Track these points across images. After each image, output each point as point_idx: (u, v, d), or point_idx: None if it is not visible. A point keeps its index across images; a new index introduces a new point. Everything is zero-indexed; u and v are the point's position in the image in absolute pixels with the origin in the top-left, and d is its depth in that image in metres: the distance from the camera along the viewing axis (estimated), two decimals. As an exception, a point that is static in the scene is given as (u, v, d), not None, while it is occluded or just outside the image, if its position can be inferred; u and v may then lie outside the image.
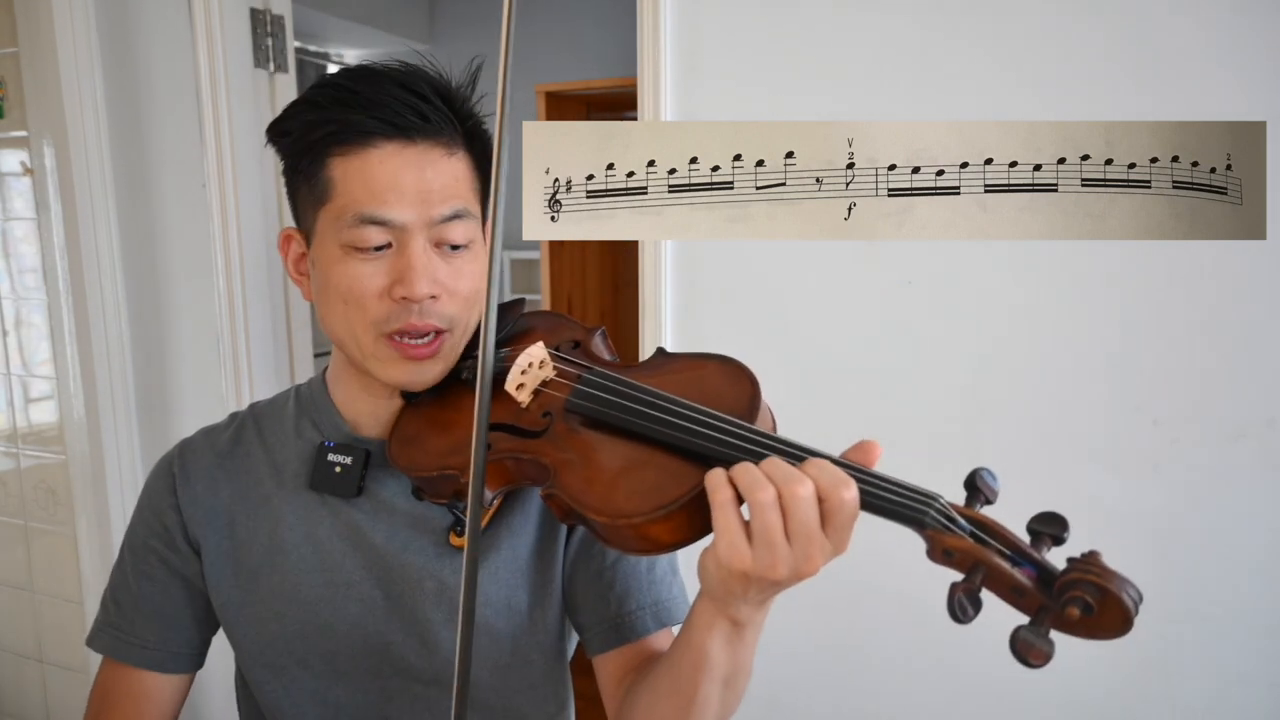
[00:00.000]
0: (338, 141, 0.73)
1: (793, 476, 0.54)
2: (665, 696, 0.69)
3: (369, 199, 0.72)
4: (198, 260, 1.75)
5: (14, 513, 1.99)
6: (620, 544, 0.62)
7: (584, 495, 0.62)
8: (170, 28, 1.70)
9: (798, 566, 0.54)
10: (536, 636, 0.82)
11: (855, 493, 0.53)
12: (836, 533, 0.54)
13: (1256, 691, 1.22)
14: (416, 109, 0.72)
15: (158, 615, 0.85)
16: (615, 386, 0.68)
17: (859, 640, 1.41)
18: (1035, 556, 0.52)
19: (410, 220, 0.72)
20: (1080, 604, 0.48)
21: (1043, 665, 0.48)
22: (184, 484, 0.85)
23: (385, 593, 0.80)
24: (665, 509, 0.58)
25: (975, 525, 0.53)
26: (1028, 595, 0.51)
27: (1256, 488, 1.19)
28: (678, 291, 1.44)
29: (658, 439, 0.63)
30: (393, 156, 0.72)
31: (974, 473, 0.56)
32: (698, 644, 0.63)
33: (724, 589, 0.58)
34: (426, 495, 0.76)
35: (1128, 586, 0.48)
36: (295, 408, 0.87)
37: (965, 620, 0.50)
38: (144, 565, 0.85)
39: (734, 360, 0.70)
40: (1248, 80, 1.13)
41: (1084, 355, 1.24)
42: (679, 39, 1.38)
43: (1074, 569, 0.50)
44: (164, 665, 0.85)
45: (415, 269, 0.72)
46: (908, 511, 0.53)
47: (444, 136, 0.74)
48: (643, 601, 0.81)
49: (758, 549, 0.54)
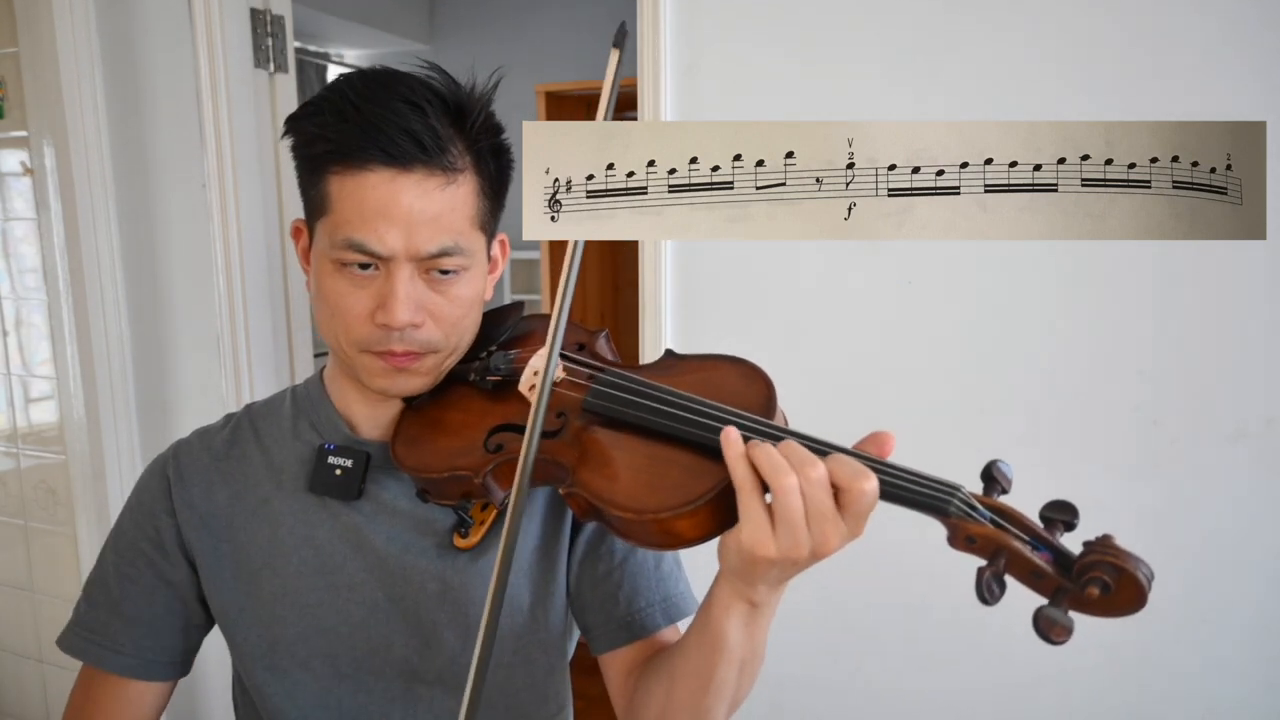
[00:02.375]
0: (335, 160, 0.71)
1: (807, 459, 0.56)
2: (682, 680, 0.70)
3: (359, 224, 0.71)
4: (198, 260, 1.75)
5: (14, 513, 1.99)
6: (642, 539, 0.63)
7: (606, 492, 0.63)
8: (170, 28, 1.70)
9: (815, 547, 0.57)
10: (539, 635, 0.82)
11: (875, 484, 0.56)
12: (854, 520, 0.57)
13: (1255, 691, 1.22)
14: (415, 137, 0.70)
15: (137, 620, 0.83)
16: (633, 386, 0.69)
17: (863, 642, 1.41)
18: (1052, 541, 0.55)
19: (395, 252, 0.71)
20: (1099, 584, 0.51)
21: (1065, 641, 0.51)
22: (179, 487, 0.84)
23: (388, 595, 0.80)
24: (692, 504, 0.60)
25: (995, 513, 0.56)
26: (1045, 578, 0.53)
27: (1256, 488, 1.19)
28: (678, 291, 1.44)
29: (678, 436, 0.64)
30: (386, 184, 0.70)
31: (990, 464, 0.59)
32: (716, 626, 0.65)
33: (748, 570, 0.60)
34: (432, 497, 0.76)
35: (1141, 565, 0.51)
36: (292, 408, 0.87)
37: (992, 601, 0.52)
38: (129, 568, 0.84)
39: (747, 361, 0.72)
40: (1248, 80, 1.13)
41: (1084, 355, 1.24)
42: (679, 39, 1.38)
43: (1092, 551, 0.52)
44: (136, 672, 0.83)
45: (397, 298, 0.71)
46: (932, 501, 0.56)
47: (443, 164, 0.71)
48: (652, 599, 0.81)
49: (780, 533, 0.56)
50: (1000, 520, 0.55)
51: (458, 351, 0.79)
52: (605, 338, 0.82)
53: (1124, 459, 1.23)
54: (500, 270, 0.85)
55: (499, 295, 3.87)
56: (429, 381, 0.78)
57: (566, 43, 3.60)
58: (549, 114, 3.19)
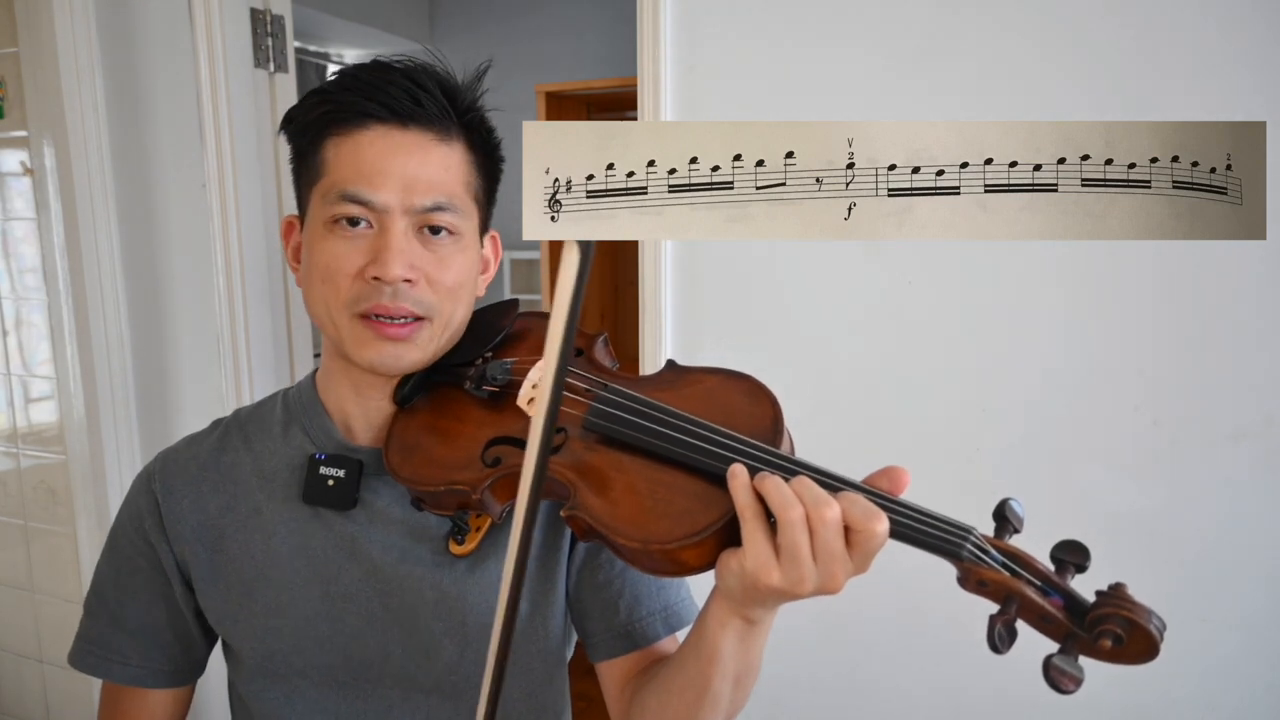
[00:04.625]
0: (334, 121, 0.74)
1: (821, 499, 0.55)
2: (677, 693, 0.69)
3: (355, 177, 0.73)
4: (198, 260, 1.75)
5: (14, 513, 1.99)
6: (648, 566, 0.62)
7: (610, 519, 0.62)
8: (170, 28, 1.70)
9: (822, 584, 0.56)
10: (537, 643, 0.82)
11: (885, 525, 0.55)
12: (861, 558, 0.56)
13: (1256, 692, 1.22)
14: (412, 95, 0.73)
15: (140, 632, 0.84)
16: (635, 406, 0.67)
17: (862, 652, 1.41)
18: (1064, 586, 0.54)
19: (391, 203, 0.73)
20: (1112, 636, 0.51)
21: (1075, 691, 0.51)
22: (168, 502, 0.83)
23: (384, 604, 0.79)
24: (699, 535, 0.58)
25: (1007, 556, 0.55)
26: (1056, 623, 0.53)
27: (1256, 488, 1.19)
28: (678, 291, 1.44)
29: (682, 462, 0.63)
30: (383, 139, 0.73)
31: (1002, 503, 0.58)
32: (711, 641, 0.64)
33: (748, 595, 0.59)
34: (428, 507, 0.75)
35: (1154, 618, 0.51)
36: (283, 413, 0.85)
37: (1003, 650, 0.52)
38: (127, 579, 0.84)
39: (751, 378, 0.70)
40: (1248, 80, 1.13)
41: (1084, 355, 1.24)
42: (679, 39, 1.38)
43: (1105, 604, 0.52)
44: (145, 682, 0.84)
45: (390, 250, 0.72)
46: (945, 545, 0.55)
47: (439, 125, 0.75)
48: (653, 608, 0.80)
49: (785, 565, 0.55)
50: (1012, 565, 0.54)
51: (449, 328, 0.78)
52: (603, 341, 0.80)
53: (1124, 459, 1.23)
54: (493, 271, 0.85)
55: (498, 295, 3.86)
56: (419, 358, 0.77)
57: (566, 43, 3.60)
58: (549, 114, 3.19)
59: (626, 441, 0.66)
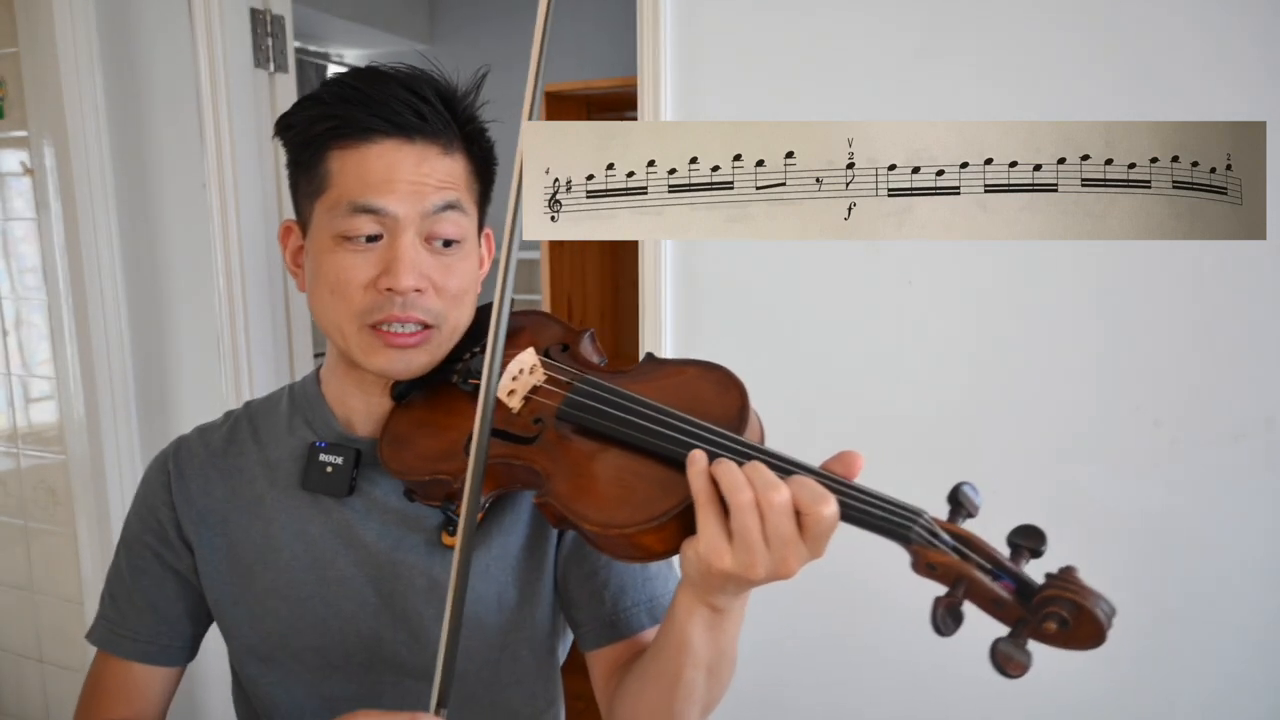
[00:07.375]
0: (338, 135, 0.75)
1: (770, 483, 0.55)
2: (651, 683, 0.70)
3: (363, 189, 0.73)
4: (198, 260, 1.75)
5: (14, 513, 1.99)
6: (613, 551, 0.63)
7: (577, 504, 0.64)
8: (170, 28, 1.70)
9: (775, 568, 0.56)
10: (525, 632, 0.83)
11: (834, 508, 0.55)
12: (814, 542, 0.56)
13: (1255, 692, 1.22)
14: (416, 109, 0.74)
15: (150, 609, 0.86)
16: (606, 396, 0.69)
17: (852, 637, 1.41)
18: (1014, 570, 0.54)
19: (402, 212, 0.74)
20: (1057, 619, 0.50)
21: (1020, 676, 0.50)
22: (178, 482, 0.86)
23: (377, 590, 0.81)
24: (657, 520, 0.60)
25: (957, 540, 0.55)
26: (1007, 607, 0.53)
27: (1256, 488, 1.19)
28: (678, 291, 1.44)
29: (647, 449, 0.64)
30: (390, 152, 0.74)
31: (956, 487, 0.58)
32: (680, 630, 0.65)
33: (704, 581, 0.60)
34: (418, 497, 0.77)
35: (1101, 602, 0.50)
36: (289, 406, 0.88)
37: (947, 633, 0.52)
38: (138, 560, 0.87)
39: (722, 368, 0.71)
40: (1248, 80, 1.13)
41: (1084, 355, 1.24)
42: (679, 39, 1.38)
43: (1051, 585, 0.52)
44: (153, 657, 0.86)
45: (402, 260, 0.73)
46: (892, 527, 0.55)
47: (442, 137, 0.76)
48: (637, 599, 0.82)
49: (737, 549, 0.56)
50: (963, 548, 0.54)
51: (455, 332, 0.80)
52: (590, 337, 0.82)
53: (1124, 459, 1.23)
54: (488, 267, 0.87)
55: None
56: (428, 361, 0.79)
57: (567, 43, 3.60)
58: (549, 114, 3.19)
59: (599, 431, 0.68)
